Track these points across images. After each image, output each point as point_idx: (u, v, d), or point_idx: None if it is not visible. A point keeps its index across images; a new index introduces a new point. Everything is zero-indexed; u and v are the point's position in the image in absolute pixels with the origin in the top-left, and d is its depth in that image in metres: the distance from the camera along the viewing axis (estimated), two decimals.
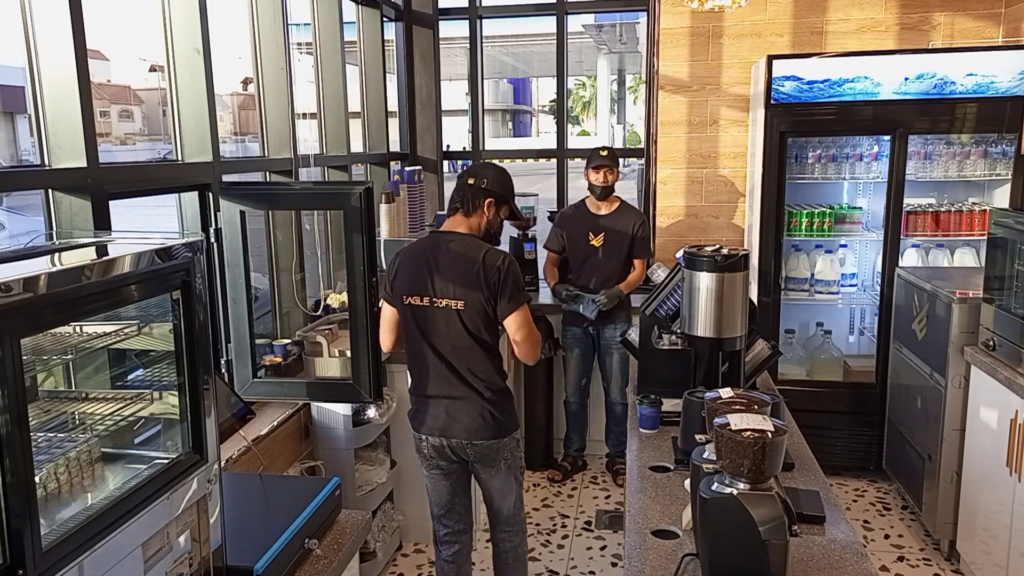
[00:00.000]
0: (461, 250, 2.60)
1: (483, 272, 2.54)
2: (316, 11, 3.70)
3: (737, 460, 1.54)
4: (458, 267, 2.57)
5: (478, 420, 2.63)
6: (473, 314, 2.57)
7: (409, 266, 2.64)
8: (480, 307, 2.56)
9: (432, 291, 2.58)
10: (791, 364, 4.34)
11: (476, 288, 2.55)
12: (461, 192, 2.68)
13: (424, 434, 2.70)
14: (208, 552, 1.56)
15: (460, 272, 2.57)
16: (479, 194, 2.66)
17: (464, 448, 2.67)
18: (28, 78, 2.12)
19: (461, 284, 2.56)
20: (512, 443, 2.73)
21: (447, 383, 2.63)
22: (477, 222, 2.67)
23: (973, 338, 3.31)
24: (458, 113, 9.07)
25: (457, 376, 2.62)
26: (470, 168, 2.77)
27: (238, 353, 2.71)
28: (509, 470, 2.73)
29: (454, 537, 2.85)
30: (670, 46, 4.56)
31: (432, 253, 2.61)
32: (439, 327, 2.60)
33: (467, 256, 2.58)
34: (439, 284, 2.58)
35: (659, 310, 2.81)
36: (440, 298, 2.58)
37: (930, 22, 4.31)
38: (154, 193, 2.59)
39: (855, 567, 1.73)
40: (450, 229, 2.67)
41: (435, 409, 2.66)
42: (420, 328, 2.62)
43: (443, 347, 2.61)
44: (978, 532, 3.23)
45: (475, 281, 2.55)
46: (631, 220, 4.15)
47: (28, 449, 1.14)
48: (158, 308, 1.52)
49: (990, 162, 4.07)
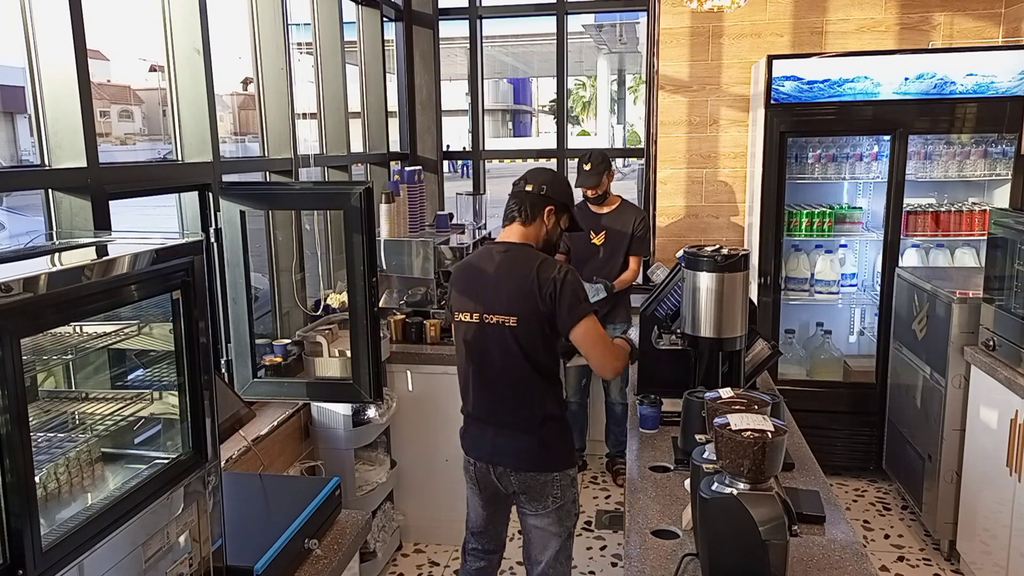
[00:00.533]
0: (513, 261, 2.39)
1: (537, 284, 2.31)
2: (316, 11, 3.70)
3: (737, 460, 1.54)
4: (510, 280, 2.36)
5: (526, 449, 2.40)
6: (528, 331, 2.34)
7: (461, 281, 2.48)
8: (536, 323, 2.34)
9: (483, 306, 2.38)
10: (791, 364, 4.34)
11: (531, 302, 2.32)
12: (519, 200, 2.45)
13: (472, 457, 2.52)
14: (208, 552, 1.56)
15: (512, 285, 2.35)
16: (539, 202, 2.44)
17: (509, 477, 2.43)
18: (28, 78, 2.12)
19: (514, 298, 2.34)
20: (566, 480, 2.43)
21: (496, 406, 2.43)
22: (536, 232, 2.45)
23: (973, 338, 3.31)
24: (458, 113, 9.06)
25: (507, 400, 2.41)
26: (526, 174, 2.51)
27: (238, 353, 2.71)
28: (557, 511, 2.43)
29: (483, 555, 2.66)
30: (670, 46, 4.56)
31: (484, 266, 2.43)
32: (490, 346, 2.39)
33: (520, 267, 2.37)
34: (490, 299, 2.37)
35: (659, 310, 2.81)
36: (491, 314, 2.37)
37: (930, 22, 4.30)
38: (154, 193, 2.59)
39: (855, 567, 1.73)
40: (505, 239, 2.46)
41: (482, 432, 2.47)
42: (470, 347, 2.44)
43: (493, 367, 2.40)
44: (978, 532, 3.23)
45: (529, 294, 2.32)
46: (631, 218, 4.15)
47: (28, 449, 1.14)
48: (158, 308, 1.52)
49: (990, 162, 4.07)
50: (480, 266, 2.46)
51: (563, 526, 2.46)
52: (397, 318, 3.72)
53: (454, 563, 3.54)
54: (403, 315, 3.76)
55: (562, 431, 2.46)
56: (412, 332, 3.70)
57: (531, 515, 2.46)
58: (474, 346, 2.43)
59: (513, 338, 2.35)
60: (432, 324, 3.69)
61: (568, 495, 2.45)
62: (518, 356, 2.36)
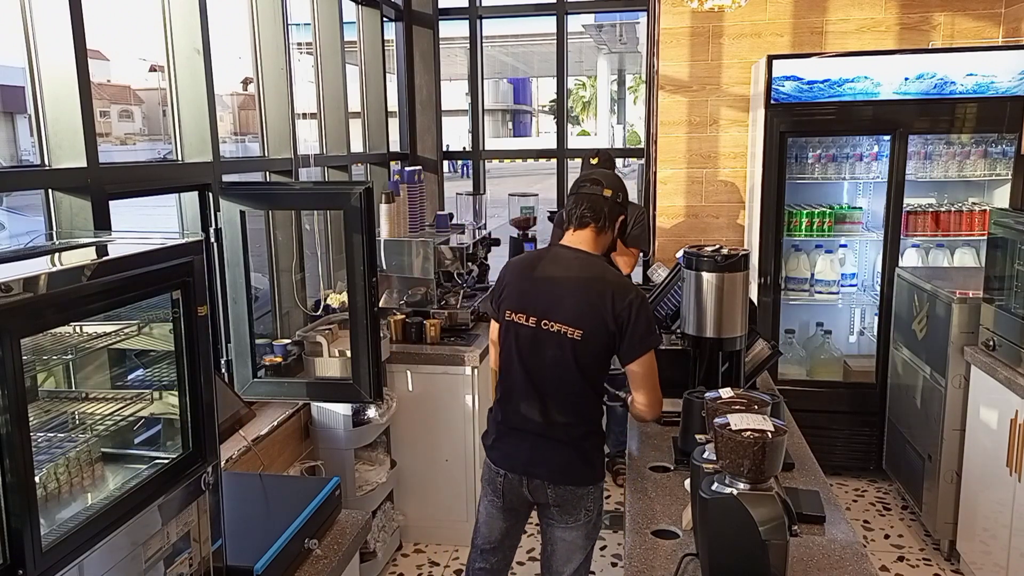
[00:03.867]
0: (588, 272, 2.26)
1: (612, 303, 2.19)
2: (316, 11, 3.71)
3: (737, 460, 1.54)
4: (584, 291, 2.23)
5: (568, 463, 2.29)
6: (590, 347, 2.22)
7: (520, 280, 2.33)
8: (601, 342, 2.22)
9: (544, 312, 2.25)
10: (791, 364, 4.34)
11: (600, 320, 2.20)
12: (596, 205, 2.29)
13: (503, 469, 2.35)
14: (208, 552, 1.56)
15: (585, 297, 2.22)
16: (616, 210, 2.33)
17: (544, 490, 2.31)
18: (28, 78, 2.12)
19: (583, 312, 2.22)
20: (598, 493, 2.37)
21: (541, 417, 2.28)
22: (607, 241, 2.34)
23: (973, 338, 3.31)
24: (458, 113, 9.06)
25: (554, 411, 2.28)
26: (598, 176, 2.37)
27: (238, 353, 2.71)
28: (587, 525, 2.36)
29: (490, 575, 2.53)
30: (670, 46, 4.56)
31: (550, 269, 2.30)
32: (545, 354, 2.25)
33: (594, 280, 2.24)
34: (555, 306, 2.24)
35: (659, 310, 2.81)
36: (553, 322, 2.23)
37: (930, 22, 4.30)
38: (154, 193, 2.59)
39: (855, 567, 1.73)
40: (575, 245, 2.31)
41: (519, 443, 2.33)
42: (521, 352, 2.29)
43: (544, 377, 2.27)
44: (978, 532, 3.23)
45: (600, 311, 2.20)
46: (631, 214, 4.14)
47: (28, 449, 1.14)
48: (158, 308, 1.52)
49: (990, 162, 4.07)
50: (545, 268, 2.31)
51: (590, 539, 2.39)
52: (397, 318, 3.72)
53: (454, 563, 3.54)
54: (403, 315, 3.76)
55: (601, 445, 2.37)
56: (412, 332, 3.70)
57: (560, 527, 2.36)
58: (527, 351, 2.28)
59: (572, 350, 2.23)
60: (432, 324, 3.69)
61: (598, 508, 2.38)
62: (574, 369, 2.24)
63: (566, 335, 2.22)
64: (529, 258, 2.43)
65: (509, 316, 2.31)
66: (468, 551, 2.56)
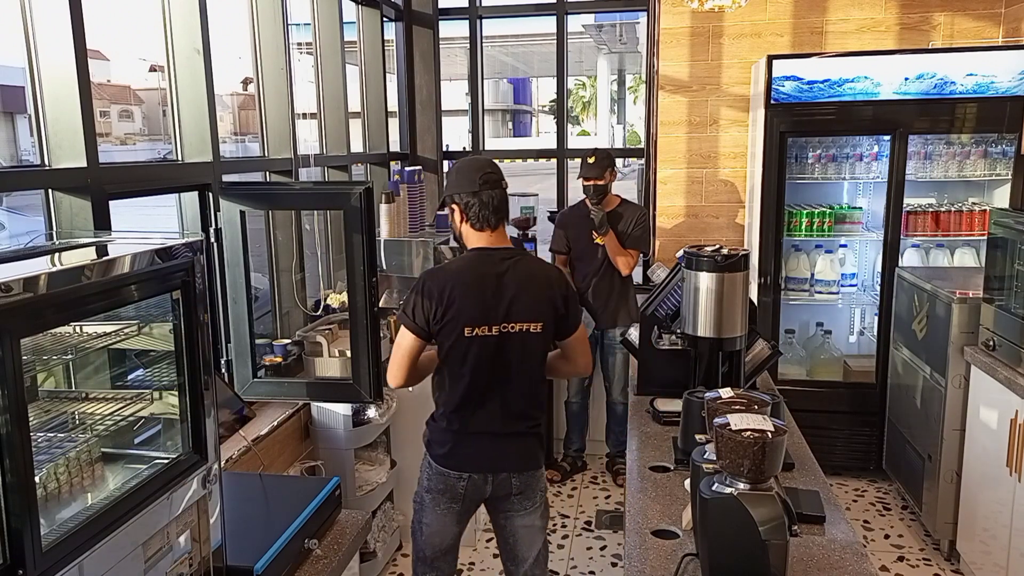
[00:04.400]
0: (529, 266, 2.38)
1: (555, 287, 2.36)
2: (316, 11, 3.71)
3: (737, 460, 1.54)
4: (534, 285, 2.33)
5: (528, 449, 2.41)
6: (549, 335, 2.36)
7: (478, 293, 2.29)
8: (553, 327, 2.36)
9: (506, 316, 2.29)
10: (791, 364, 4.35)
11: (551, 307, 2.34)
12: (504, 203, 2.38)
13: (467, 472, 2.37)
14: (208, 552, 1.56)
15: (537, 291, 2.33)
16: None
17: (508, 481, 2.39)
18: (28, 78, 2.12)
19: (539, 304, 2.32)
20: (542, 473, 2.50)
21: (505, 418, 2.36)
22: None
23: (973, 338, 3.31)
24: (458, 113, 9.06)
25: (518, 409, 2.37)
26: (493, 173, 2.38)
27: (238, 353, 2.71)
28: (543, 504, 2.49)
29: None
30: (670, 46, 4.56)
31: (499, 274, 2.31)
32: (512, 356, 2.33)
33: (538, 271, 2.39)
34: (513, 308, 2.30)
35: (659, 310, 2.81)
36: (515, 323, 2.30)
37: (930, 22, 4.30)
38: (154, 193, 2.59)
39: (855, 567, 1.73)
40: (501, 245, 2.39)
41: (484, 444, 2.38)
42: (482, 362, 2.31)
43: (510, 378, 2.35)
44: (978, 532, 3.23)
45: (550, 299, 2.34)
46: (632, 215, 4.15)
47: (28, 449, 1.14)
48: (158, 308, 1.52)
49: (990, 162, 4.07)
50: (496, 276, 2.31)
51: (545, 519, 2.52)
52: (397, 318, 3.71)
53: None
54: None
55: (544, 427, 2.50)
56: None
57: (520, 515, 2.46)
58: (489, 361, 2.31)
59: (535, 344, 2.34)
60: None
61: (545, 486, 2.54)
62: (538, 361, 2.38)
63: (529, 331, 2.32)
64: (474, 270, 2.33)
65: (470, 332, 2.28)
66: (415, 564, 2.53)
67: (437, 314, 2.28)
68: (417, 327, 2.31)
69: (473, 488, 2.40)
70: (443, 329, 2.30)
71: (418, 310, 2.30)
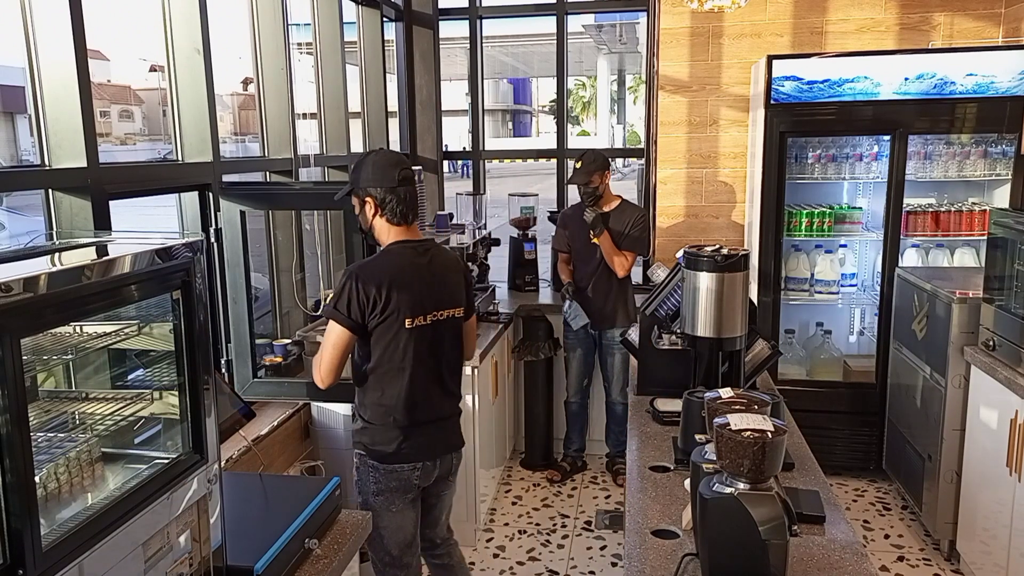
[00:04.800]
0: (446, 257, 2.55)
1: (462, 276, 2.55)
2: (316, 11, 3.71)
3: (737, 460, 1.53)
4: (451, 273, 2.51)
5: (459, 427, 2.59)
6: (467, 315, 2.55)
7: (407, 285, 2.35)
8: (465, 311, 2.54)
9: (436, 305, 2.41)
10: (791, 364, 4.35)
11: (464, 292, 2.53)
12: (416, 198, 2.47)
13: (419, 461, 2.45)
14: (208, 552, 1.56)
15: (453, 278, 2.50)
16: None
17: (451, 460, 2.56)
18: (28, 78, 2.12)
19: (457, 291, 2.50)
20: None
21: (444, 402, 2.51)
22: None
23: (973, 338, 3.31)
24: (458, 113, 9.06)
25: (451, 391, 2.53)
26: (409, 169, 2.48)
27: (238, 353, 2.71)
28: None
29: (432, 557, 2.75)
30: (670, 46, 4.57)
31: (426, 266, 2.42)
32: (444, 343, 2.46)
33: (452, 262, 2.55)
34: (440, 296, 2.43)
35: (659, 310, 2.81)
36: (444, 310, 2.44)
37: (930, 22, 4.31)
38: (154, 193, 2.60)
39: (855, 567, 1.73)
40: (415, 238, 2.46)
41: (430, 432, 2.48)
42: (421, 352, 2.39)
43: (447, 362, 2.48)
44: (978, 532, 3.23)
45: (462, 283, 2.54)
46: (631, 217, 4.14)
47: (28, 449, 1.14)
48: (158, 308, 1.52)
49: (990, 162, 4.07)
50: (424, 268, 2.40)
51: None
52: None
53: None
54: None
55: None
56: None
57: (451, 488, 2.66)
58: (427, 350, 2.40)
59: (458, 327, 2.51)
60: None
61: None
62: (459, 342, 2.54)
63: (454, 316, 2.48)
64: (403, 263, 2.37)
65: (410, 324, 2.34)
66: None
67: (375, 308, 2.29)
68: (352, 322, 2.30)
69: (425, 475, 2.50)
70: (383, 323, 2.31)
71: (353, 305, 2.29)
